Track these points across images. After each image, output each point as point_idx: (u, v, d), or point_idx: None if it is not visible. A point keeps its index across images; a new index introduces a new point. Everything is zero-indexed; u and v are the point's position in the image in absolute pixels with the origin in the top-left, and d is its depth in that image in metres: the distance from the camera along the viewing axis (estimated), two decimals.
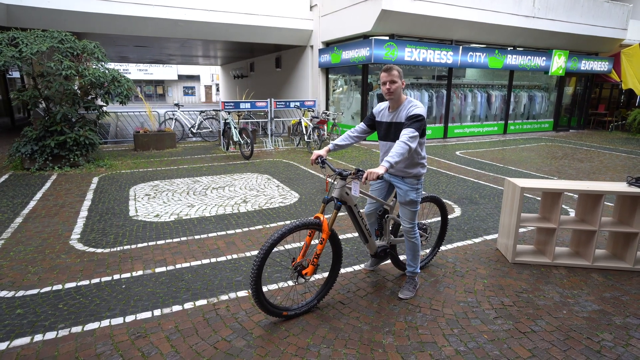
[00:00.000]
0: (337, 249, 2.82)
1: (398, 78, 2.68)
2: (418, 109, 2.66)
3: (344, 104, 12.18)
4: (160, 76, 39.60)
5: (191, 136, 11.85)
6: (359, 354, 2.35)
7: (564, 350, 2.40)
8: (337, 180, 2.67)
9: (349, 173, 2.62)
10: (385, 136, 2.87)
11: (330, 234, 2.71)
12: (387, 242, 3.15)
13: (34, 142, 6.96)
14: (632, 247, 3.45)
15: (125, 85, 7.45)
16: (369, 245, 2.99)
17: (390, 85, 2.69)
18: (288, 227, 2.50)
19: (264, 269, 3.17)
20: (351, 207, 2.78)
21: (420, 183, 2.87)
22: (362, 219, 2.86)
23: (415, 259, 3.02)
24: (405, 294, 2.99)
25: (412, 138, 2.54)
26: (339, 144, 2.93)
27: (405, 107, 2.74)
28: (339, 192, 2.66)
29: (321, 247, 2.63)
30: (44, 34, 6.92)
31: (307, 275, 2.63)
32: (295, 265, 2.62)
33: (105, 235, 4.12)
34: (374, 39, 9.70)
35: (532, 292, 3.08)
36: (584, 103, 15.04)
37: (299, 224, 2.54)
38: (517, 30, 11.40)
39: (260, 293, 2.48)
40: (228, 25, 11.04)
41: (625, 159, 8.99)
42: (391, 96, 2.74)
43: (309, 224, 2.58)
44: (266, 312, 2.57)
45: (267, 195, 5.67)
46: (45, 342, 2.42)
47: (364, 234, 2.91)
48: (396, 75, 2.67)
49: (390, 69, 2.68)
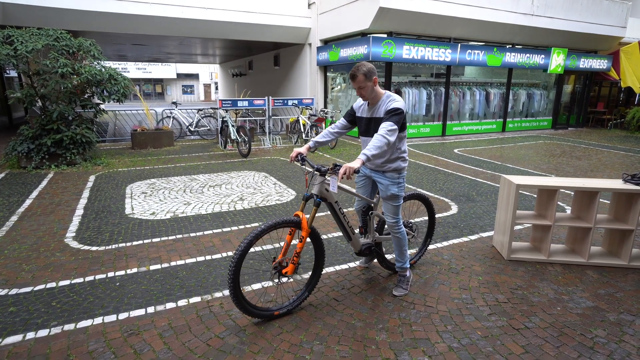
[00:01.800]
0: (319, 247, 2.75)
1: (365, 82, 2.62)
2: (397, 102, 2.63)
3: (342, 102, 12.16)
4: (159, 75, 39.56)
5: (189, 134, 11.84)
6: (352, 351, 2.34)
7: (557, 347, 2.39)
8: (316, 176, 2.62)
9: (327, 169, 2.58)
10: (365, 132, 2.85)
11: (311, 232, 2.65)
12: (372, 240, 3.09)
13: (31, 141, 6.95)
14: (627, 244, 3.44)
15: (122, 84, 7.43)
16: (353, 242, 2.93)
17: (359, 91, 2.68)
18: (265, 226, 2.42)
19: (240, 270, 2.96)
20: (332, 203, 2.73)
21: (401, 177, 2.86)
22: (344, 216, 2.80)
23: (403, 254, 3.00)
24: (399, 291, 2.98)
25: (390, 131, 2.51)
26: (319, 140, 2.89)
27: (384, 101, 2.71)
28: (318, 189, 2.61)
29: (301, 245, 2.58)
30: (39, 32, 6.90)
31: (287, 274, 2.57)
32: (275, 265, 2.56)
33: (101, 233, 4.11)
34: (372, 37, 9.68)
35: (526, 289, 3.08)
36: (583, 101, 15.02)
37: (276, 222, 2.47)
38: (515, 28, 11.38)
39: (239, 294, 2.41)
40: (226, 23, 11.01)
41: (624, 156, 8.98)
42: (365, 99, 2.75)
43: (287, 222, 2.52)
44: (246, 313, 2.49)
45: (264, 193, 5.67)
46: (37, 339, 2.41)
47: (346, 231, 2.85)
48: (361, 80, 2.62)
49: (353, 76, 2.64)
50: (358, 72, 2.61)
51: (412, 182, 6.35)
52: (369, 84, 2.65)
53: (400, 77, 11.22)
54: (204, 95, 43.67)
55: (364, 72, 2.61)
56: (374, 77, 2.65)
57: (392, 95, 2.71)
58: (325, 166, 2.60)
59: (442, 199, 5.45)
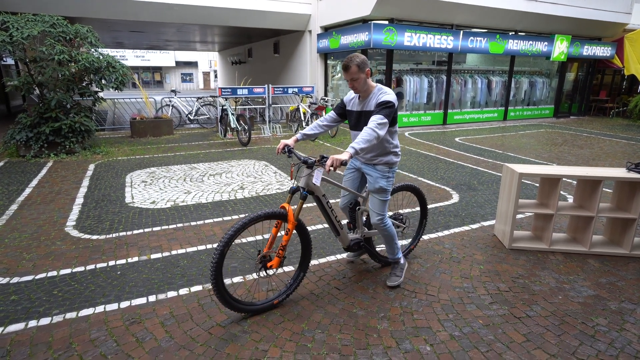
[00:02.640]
0: (306, 240, 2.69)
1: (358, 73, 2.53)
2: (388, 95, 2.56)
3: (342, 90, 12.05)
4: (157, 63, 39.16)
5: (188, 123, 11.76)
6: (354, 339, 2.35)
7: (558, 335, 2.40)
8: (302, 168, 2.55)
9: (314, 161, 2.51)
10: (355, 125, 2.78)
11: (297, 224, 2.60)
12: (361, 235, 3.01)
13: (29, 129, 6.89)
14: (629, 233, 3.43)
15: (120, 71, 7.34)
16: (341, 238, 2.86)
17: (351, 82, 2.59)
18: (249, 218, 2.36)
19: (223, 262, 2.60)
20: (319, 197, 2.66)
21: (392, 172, 2.80)
22: (331, 210, 2.72)
23: (393, 248, 2.95)
24: (393, 280, 2.92)
25: (380, 125, 2.43)
26: (307, 133, 2.80)
27: (375, 95, 2.64)
28: (305, 181, 2.54)
29: (287, 238, 2.52)
30: (35, 18, 6.78)
31: (272, 268, 2.51)
32: (259, 258, 2.50)
33: (101, 222, 4.10)
34: (373, 24, 9.52)
35: (528, 278, 3.07)
36: (586, 89, 14.89)
37: (261, 215, 2.40)
38: (518, 15, 11.20)
39: (221, 287, 2.35)
40: (225, 10, 10.83)
41: (626, 145, 8.93)
42: (357, 91, 2.67)
43: (273, 215, 2.46)
44: (228, 307, 2.42)
45: (265, 181, 5.64)
46: (40, 327, 2.42)
47: (334, 226, 2.77)
48: (354, 71, 2.53)
49: (346, 67, 2.55)
50: (351, 63, 2.53)
51: (414, 171, 6.32)
52: (362, 76, 2.57)
53: (402, 64, 11.08)
54: (203, 84, 43.31)
55: (357, 63, 2.52)
56: (367, 69, 2.58)
57: (383, 88, 2.65)
58: (312, 158, 2.53)
59: (443, 187, 5.43)
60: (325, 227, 4.01)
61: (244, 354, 2.21)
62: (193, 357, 2.18)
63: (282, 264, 2.61)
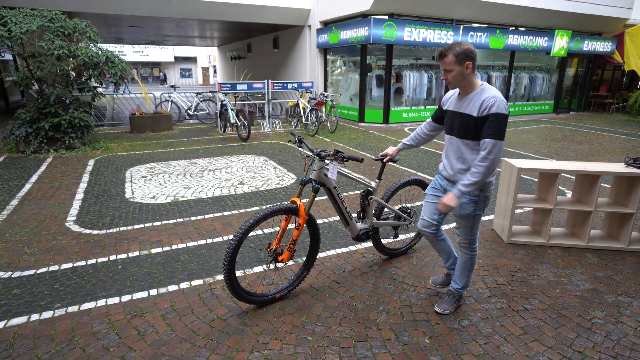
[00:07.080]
0: (315, 234, 2.72)
1: (453, 64, 2.12)
2: (496, 102, 2.06)
3: (342, 85, 12.03)
4: (156, 58, 38.98)
5: (188, 118, 11.74)
6: (353, 332, 2.37)
7: (555, 328, 2.43)
8: (315, 161, 2.57)
9: (328, 154, 2.52)
10: (450, 129, 2.35)
11: (308, 219, 2.62)
12: (370, 225, 3.00)
13: (28, 125, 6.89)
14: (627, 228, 3.46)
15: (119, 66, 7.32)
16: (350, 228, 2.87)
17: (445, 74, 2.20)
18: (262, 214, 2.37)
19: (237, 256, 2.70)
20: (330, 189, 2.68)
21: (484, 195, 2.31)
22: (342, 202, 2.76)
23: (464, 276, 2.55)
24: (444, 308, 2.55)
25: (489, 154, 2.06)
26: (407, 143, 2.78)
27: (477, 96, 2.16)
28: (317, 174, 2.56)
29: (298, 232, 2.54)
30: (33, 13, 6.75)
31: (283, 261, 2.54)
32: (270, 251, 2.54)
33: (102, 217, 4.12)
34: (373, 18, 9.49)
35: (526, 272, 3.10)
36: (585, 85, 14.87)
37: (274, 210, 2.41)
38: (519, 9, 11.16)
39: (233, 280, 2.38)
40: (224, 4, 10.77)
41: (625, 141, 8.95)
42: (452, 86, 2.26)
43: (285, 209, 2.46)
44: (239, 299, 2.46)
45: (264, 177, 5.65)
46: (42, 321, 2.44)
47: (344, 216, 2.81)
48: (449, 61, 2.12)
49: (442, 55, 2.15)
50: (449, 52, 2.12)
51: (413, 167, 6.34)
52: (458, 69, 2.13)
53: (402, 59, 11.06)
54: (203, 79, 43.15)
55: (455, 52, 2.10)
56: (467, 62, 2.12)
57: (488, 89, 2.16)
58: (325, 151, 2.56)
59: None
60: (324, 221, 4.03)
61: (245, 347, 2.23)
62: (194, 350, 2.20)
63: (292, 258, 2.66)
